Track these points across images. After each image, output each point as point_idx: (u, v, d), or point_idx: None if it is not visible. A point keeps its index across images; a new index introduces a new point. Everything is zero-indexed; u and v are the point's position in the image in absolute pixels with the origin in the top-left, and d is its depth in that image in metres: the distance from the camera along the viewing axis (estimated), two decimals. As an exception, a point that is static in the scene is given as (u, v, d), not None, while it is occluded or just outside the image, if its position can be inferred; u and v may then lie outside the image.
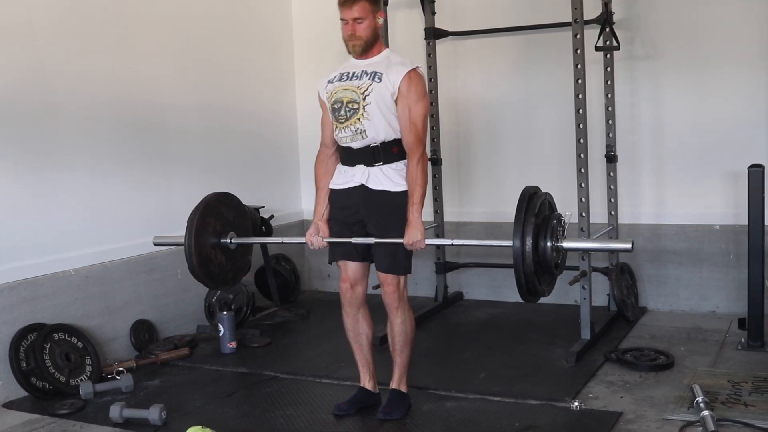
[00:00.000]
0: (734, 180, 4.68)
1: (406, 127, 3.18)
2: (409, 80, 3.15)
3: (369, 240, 3.26)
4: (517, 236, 2.85)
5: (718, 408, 3.24)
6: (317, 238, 3.34)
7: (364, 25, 3.18)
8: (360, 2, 3.14)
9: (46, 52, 4.09)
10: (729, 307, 4.79)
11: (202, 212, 3.35)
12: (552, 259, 2.94)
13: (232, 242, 3.46)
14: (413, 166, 3.16)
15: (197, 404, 3.67)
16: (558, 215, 2.99)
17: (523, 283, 2.88)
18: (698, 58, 4.80)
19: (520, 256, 2.85)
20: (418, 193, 3.16)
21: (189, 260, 3.32)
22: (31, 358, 3.78)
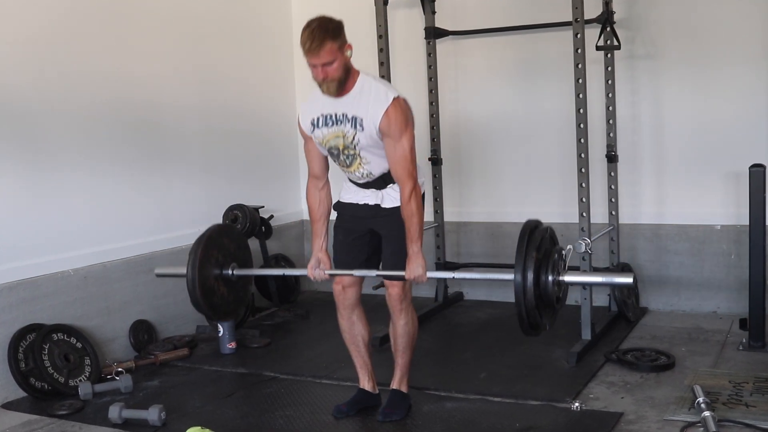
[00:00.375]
0: (735, 180, 4.68)
1: (394, 162, 3.11)
2: (388, 119, 3.04)
3: (371, 272, 3.28)
4: (519, 272, 2.83)
5: (719, 409, 3.23)
6: (319, 271, 3.33)
7: (334, 66, 3.01)
8: (326, 46, 2.96)
9: (46, 52, 4.09)
10: (730, 308, 4.79)
11: (205, 244, 3.38)
12: (553, 294, 2.94)
13: (234, 273, 3.46)
14: (405, 201, 3.10)
15: (196, 405, 3.67)
16: (559, 249, 2.99)
17: (525, 317, 2.88)
18: (699, 58, 4.79)
19: (521, 291, 2.84)
20: (414, 228, 3.11)
21: (192, 293, 3.33)
22: (30, 359, 3.77)
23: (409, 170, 3.09)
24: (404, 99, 3.12)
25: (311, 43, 2.96)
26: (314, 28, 2.98)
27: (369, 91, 3.09)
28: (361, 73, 3.15)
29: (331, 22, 3.03)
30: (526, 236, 2.87)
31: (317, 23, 3.00)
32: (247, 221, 4.89)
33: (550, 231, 2.99)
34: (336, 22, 3.05)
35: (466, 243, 5.51)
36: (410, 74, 5.40)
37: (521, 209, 5.30)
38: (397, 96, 3.08)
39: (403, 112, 3.09)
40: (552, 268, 2.90)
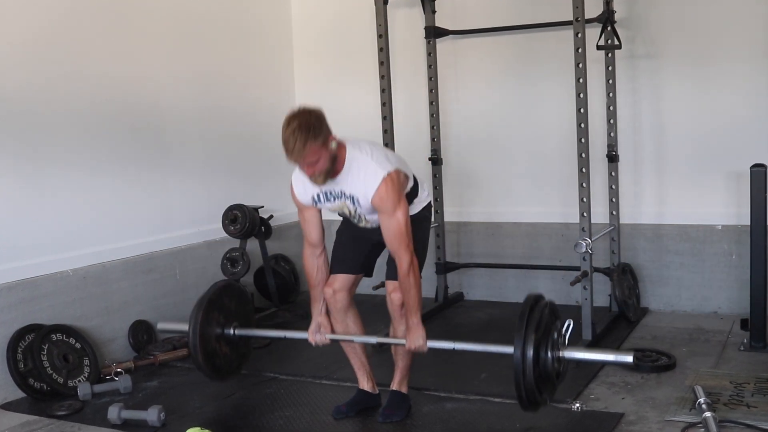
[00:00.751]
0: (736, 180, 4.68)
1: (389, 236, 3.10)
2: (380, 197, 3.04)
3: (370, 339, 3.35)
4: (518, 349, 2.84)
5: (720, 409, 3.23)
6: (320, 336, 3.36)
7: (320, 162, 2.97)
8: (308, 148, 2.91)
9: (46, 53, 4.09)
10: (731, 308, 4.79)
11: (206, 308, 3.45)
12: (553, 371, 2.95)
13: (236, 334, 3.55)
14: (404, 276, 3.09)
15: (196, 405, 3.67)
16: (559, 324, 2.99)
17: (524, 397, 2.88)
18: (700, 57, 4.79)
19: (521, 371, 2.85)
20: (413, 302, 3.13)
21: (194, 357, 3.44)
22: (28, 359, 3.77)
23: (405, 243, 3.07)
24: (395, 171, 3.07)
25: (294, 146, 2.92)
26: (294, 129, 2.91)
27: (359, 170, 3.06)
28: (348, 148, 3.08)
29: (310, 118, 2.94)
30: (526, 313, 2.88)
31: (297, 123, 2.92)
32: (247, 221, 4.89)
33: (551, 306, 3.00)
34: (316, 115, 2.97)
35: (467, 243, 5.51)
36: (410, 74, 5.40)
37: (522, 209, 5.32)
38: (387, 173, 3.03)
39: (394, 187, 3.05)
40: (552, 344, 2.91)
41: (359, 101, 5.61)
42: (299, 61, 6.01)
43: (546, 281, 5.24)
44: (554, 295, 5.18)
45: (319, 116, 2.98)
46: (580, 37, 4.09)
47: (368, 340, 3.38)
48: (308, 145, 2.91)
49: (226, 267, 4.92)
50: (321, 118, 2.98)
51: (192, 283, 4.87)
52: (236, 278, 4.87)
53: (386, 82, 4.69)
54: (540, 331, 2.90)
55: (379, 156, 3.11)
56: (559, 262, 5.12)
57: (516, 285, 5.37)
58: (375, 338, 3.37)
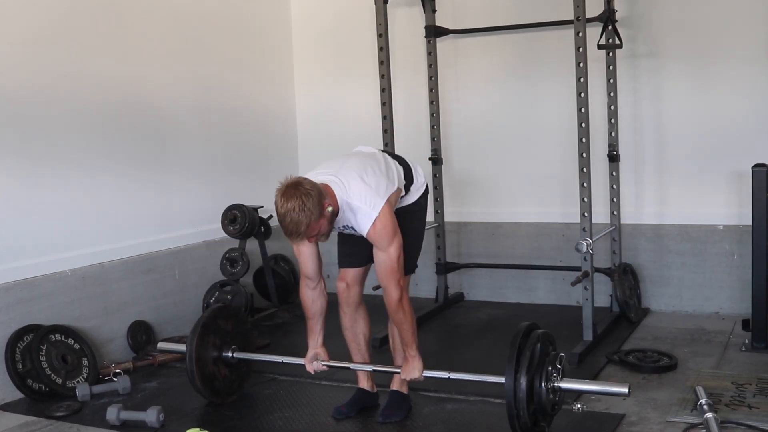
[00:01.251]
0: (738, 179, 4.68)
1: (380, 271, 3.11)
2: (374, 234, 3.05)
3: (367, 367, 3.38)
4: (510, 382, 2.83)
5: (722, 410, 3.23)
6: (317, 363, 3.37)
7: (321, 230, 2.98)
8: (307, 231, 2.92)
9: (44, 53, 4.09)
10: (733, 308, 4.79)
11: (200, 333, 3.47)
12: (548, 402, 2.94)
13: (234, 357, 3.60)
14: (394, 309, 3.12)
15: (195, 406, 3.66)
16: (555, 355, 2.99)
17: (517, 429, 2.88)
18: (702, 56, 4.79)
19: (513, 410, 2.84)
20: (407, 335, 3.16)
21: (192, 382, 3.47)
22: (27, 360, 3.77)
23: (396, 279, 3.09)
24: (387, 205, 3.04)
25: (293, 232, 2.92)
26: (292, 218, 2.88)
27: (352, 214, 3.06)
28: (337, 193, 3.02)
29: (304, 200, 2.88)
30: (517, 343, 2.88)
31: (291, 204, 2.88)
32: (246, 221, 4.89)
33: (545, 336, 3.00)
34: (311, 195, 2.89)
35: (467, 243, 5.51)
36: (410, 73, 5.40)
37: (522, 209, 5.32)
38: (378, 214, 3.01)
39: (386, 227, 3.04)
40: (546, 377, 2.91)
41: (359, 101, 5.61)
42: (299, 60, 6.01)
43: (546, 281, 5.24)
44: (555, 295, 5.24)
45: (309, 193, 2.89)
46: (580, 36, 4.08)
47: (365, 368, 3.41)
48: (309, 227, 2.92)
49: (226, 267, 4.92)
50: (311, 194, 2.89)
51: (191, 283, 4.87)
52: (235, 278, 4.87)
53: (386, 81, 4.69)
54: (533, 365, 2.89)
55: (368, 192, 3.04)
56: (560, 263, 5.11)
57: (516, 285, 5.37)
58: (371, 366, 3.41)
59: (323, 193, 2.95)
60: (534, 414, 2.91)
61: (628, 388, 2.98)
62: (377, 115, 4.75)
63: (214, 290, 4.87)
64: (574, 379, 3.13)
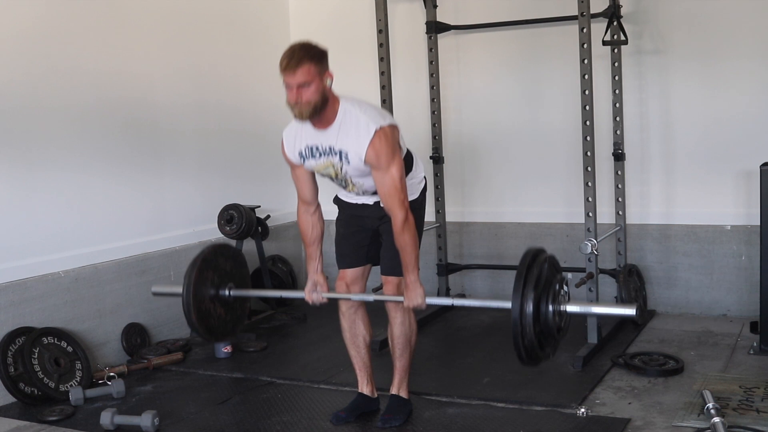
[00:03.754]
0: (746, 179, 4.68)
1: (384, 192, 3.11)
2: (374, 151, 3.03)
3: (368, 297, 3.33)
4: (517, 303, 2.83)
5: (730, 414, 3.24)
6: (316, 294, 3.35)
7: (311, 89, 2.97)
8: (303, 66, 2.93)
9: (36, 49, 4.09)
10: (740, 311, 4.79)
11: (200, 267, 3.40)
12: (554, 325, 2.94)
13: (231, 294, 3.50)
14: (399, 231, 3.10)
15: (191, 410, 3.67)
16: (561, 277, 2.99)
17: (524, 355, 2.87)
18: (709, 52, 4.80)
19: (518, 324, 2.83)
20: (410, 260, 3.13)
21: (188, 316, 3.39)
22: (19, 363, 3.78)
23: (400, 200, 3.08)
24: (389, 126, 3.08)
25: (288, 61, 2.95)
26: (295, 48, 2.98)
27: (350, 123, 3.06)
28: (342, 101, 3.11)
29: (315, 47, 3.01)
30: (525, 265, 2.87)
31: (300, 44, 3.01)
32: (243, 221, 4.89)
33: (551, 259, 2.99)
34: (320, 48, 3.03)
35: (468, 244, 5.51)
36: (411, 70, 5.41)
37: (525, 209, 5.33)
38: (380, 126, 3.03)
39: (388, 141, 3.04)
40: (553, 298, 2.91)
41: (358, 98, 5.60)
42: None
43: (550, 283, 5.25)
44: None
45: (323, 50, 3.03)
46: (585, 32, 4.09)
47: (366, 297, 3.34)
48: (304, 62, 2.95)
49: (222, 268, 4.92)
50: (324, 52, 3.03)
51: (187, 284, 4.87)
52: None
53: (386, 78, 4.69)
54: (540, 285, 2.88)
55: (373, 112, 3.12)
56: (564, 264, 5.10)
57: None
58: (372, 296, 3.34)
59: (328, 66, 3.04)
60: (539, 336, 2.89)
61: (636, 309, 2.95)
62: (377, 113, 4.74)
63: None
64: (579, 302, 3.11)
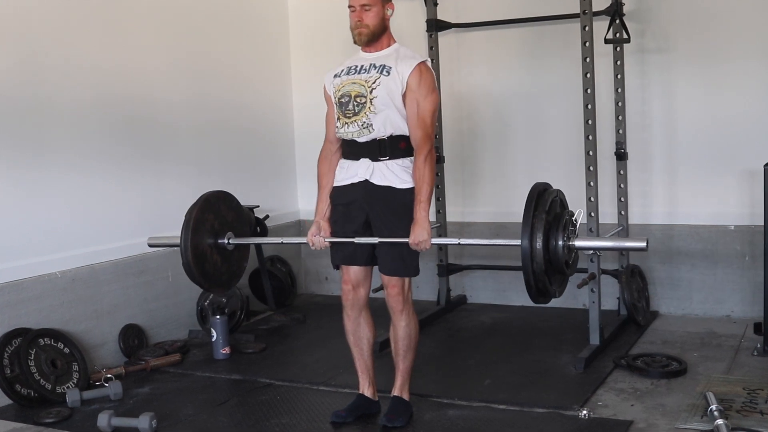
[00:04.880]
0: (750, 178, 4.68)
1: (414, 122, 3.18)
2: (419, 74, 3.18)
3: (373, 240, 3.26)
4: (526, 234, 2.85)
5: (733, 416, 3.23)
6: (318, 238, 3.34)
7: (371, 13, 3.21)
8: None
9: (33, 45, 4.09)
10: (744, 311, 4.79)
11: (201, 207, 3.37)
12: (563, 258, 2.95)
13: (230, 243, 3.48)
14: (420, 163, 3.17)
15: (189, 412, 3.67)
16: (569, 213, 3.00)
17: (533, 283, 2.88)
18: (712, 51, 4.80)
19: (528, 255, 2.85)
20: (425, 191, 3.17)
21: (184, 255, 3.34)
22: (15, 365, 3.77)
23: (428, 133, 3.19)
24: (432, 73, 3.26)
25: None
26: None
27: (402, 53, 3.25)
28: (397, 42, 3.33)
29: None
30: (534, 199, 2.88)
31: None
32: (242, 221, 4.89)
33: (560, 194, 3.01)
34: None
35: (470, 244, 5.51)
36: (411, 68, 5.40)
37: (527, 209, 5.32)
38: (428, 60, 3.26)
39: (431, 76, 3.24)
40: (562, 232, 2.91)
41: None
42: (296, 53, 6.02)
43: (552, 284, 5.24)
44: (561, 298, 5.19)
45: None
46: (587, 30, 4.09)
47: (370, 240, 3.26)
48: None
49: (220, 269, 4.92)
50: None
51: (185, 285, 4.82)
52: (231, 280, 4.87)
53: (386, 77, 4.68)
54: (550, 215, 2.90)
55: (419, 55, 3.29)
56: (566, 264, 5.11)
57: (521, 287, 5.23)
58: (376, 239, 3.25)
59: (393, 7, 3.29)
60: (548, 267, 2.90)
61: (646, 242, 2.97)
62: (377, 112, 4.74)
63: (209, 293, 4.87)
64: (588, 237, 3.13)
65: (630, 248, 3.10)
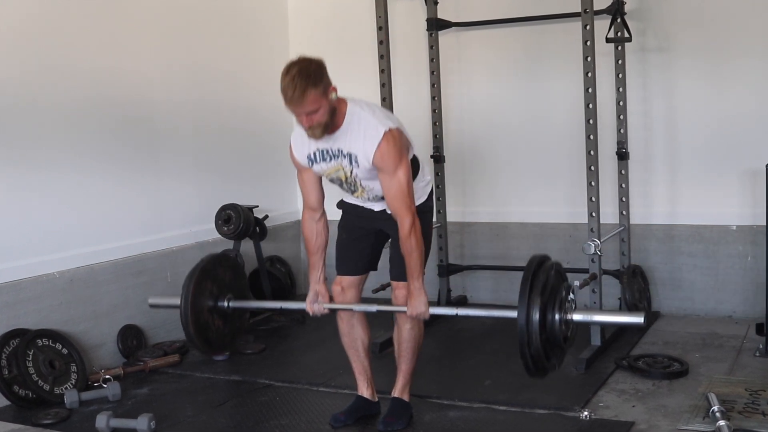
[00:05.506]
0: (752, 178, 4.68)
1: (390, 197, 3.10)
2: (381, 154, 3.03)
3: (371, 308, 3.32)
4: (522, 312, 2.83)
5: (735, 418, 3.23)
6: (318, 305, 3.35)
7: (319, 113, 2.97)
8: (308, 96, 2.92)
9: (31, 46, 4.08)
10: (746, 312, 4.79)
11: (198, 277, 3.41)
12: (561, 334, 2.94)
13: (230, 306, 3.51)
14: (406, 236, 3.08)
15: (188, 414, 3.67)
16: (568, 285, 2.99)
17: (530, 362, 2.87)
18: (714, 50, 4.79)
19: (525, 336, 2.83)
20: (415, 266, 3.12)
21: (185, 328, 3.39)
22: (13, 366, 3.77)
23: (407, 204, 3.08)
24: (397, 129, 3.08)
25: (292, 93, 2.92)
26: (294, 76, 2.92)
27: (359, 126, 3.07)
28: (349, 104, 3.11)
29: (311, 65, 2.97)
30: (530, 273, 2.87)
31: (297, 69, 2.93)
32: (241, 221, 4.89)
33: (557, 266, 2.99)
34: (316, 64, 2.99)
35: (470, 244, 5.51)
36: (411, 68, 5.40)
37: (528, 209, 5.33)
38: (388, 129, 3.04)
39: (396, 145, 3.05)
40: (559, 306, 2.90)
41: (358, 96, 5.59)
42: (296, 53, 5.94)
43: (553, 284, 5.24)
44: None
45: (319, 65, 3.00)
46: (588, 29, 4.09)
47: (368, 308, 3.33)
48: (308, 92, 2.92)
49: (220, 269, 4.92)
50: (322, 66, 3.00)
51: (184, 286, 4.87)
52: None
53: (386, 76, 4.69)
54: (546, 293, 2.88)
55: (380, 114, 3.14)
56: (567, 264, 5.08)
57: (522, 288, 5.36)
58: (375, 306, 3.31)
59: (331, 81, 3.01)
60: (545, 345, 2.89)
61: (644, 317, 2.95)
62: (377, 111, 4.74)
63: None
64: (586, 310, 3.10)
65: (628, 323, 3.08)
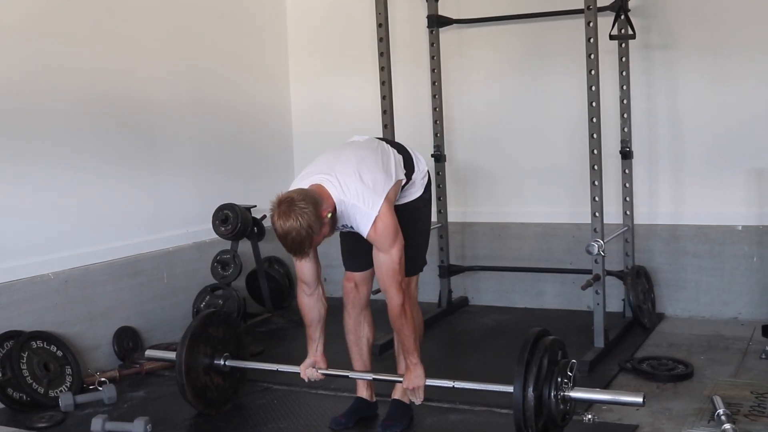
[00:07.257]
0: (758, 177, 4.68)
1: (381, 273, 3.10)
2: (375, 237, 3.05)
3: (367, 376, 3.39)
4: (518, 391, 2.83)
5: (741, 421, 3.23)
6: (312, 371, 3.37)
7: (323, 236, 3.00)
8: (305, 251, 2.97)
9: (28, 46, 4.08)
10: (752, 313, 4.79)
11: (189, 345, 3.50)
12: (559, 413, 2.94)
13: (226, 365, 3.62)
14: (396, 315, 3.11)
15: (184, 417, 3.66)
16: (566, 362, 3.00)
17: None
18: (719, 47, 4.80)
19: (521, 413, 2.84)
20: (409, 342, 3.15)
21: (183, 395, 3.50)
22: (7, 368, 3.77)
23: (398, 282, 3.09)
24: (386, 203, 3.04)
25: (298, 253, 2.97)
26: (290, 244, 2.90)
27: (350, 215, 3.06)
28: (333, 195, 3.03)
29: (303, 219, 2.87)
30: (526, 351, 2.88)
31: (293, 231, 2.87)
32: (239, 221, 4.89)
33: (555, 343, 3.01)
34: (307, 213, 2.88)
35: (471, 244, 5.51)
36: (412, 65, 5.41)
37: (530, 209, 5.33)
38: (377, 214, 3.01)
39: (387, 227, 3.03)
40: (557, 386, 2.91)
41: (357, 95, 5.61)
42: (294, 52, 6.02)
43: (555, 285, 5.25)
44: (564, 299, 5.25)
45: (304, 212, 2.88)
46: (591, 26, 4.09)
47: (365, 376, 3.42)
48: (305, 249, 2.96)
49: (217, 270, 4.92)
50: (307, 211, 2.89)
51: (181, 286, 4.87)
52: (227, 282, 4.87)
53: (386, 74, 4.69)
54: (543, 367, 2.89)
55: (365, 191, 3.03)
56: (570, 265, 5.12)
57: (524, 289, 5.38)
58: (371, 375, 3.41)
59: (318, 201, 2.94)
60: (544, 427, 2.91)
61: (643, 398, 2.98)
62: (377, 110, 4.74)
63: (205, 294, 4.87)
64: (585, 389, 3.13)
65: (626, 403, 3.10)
